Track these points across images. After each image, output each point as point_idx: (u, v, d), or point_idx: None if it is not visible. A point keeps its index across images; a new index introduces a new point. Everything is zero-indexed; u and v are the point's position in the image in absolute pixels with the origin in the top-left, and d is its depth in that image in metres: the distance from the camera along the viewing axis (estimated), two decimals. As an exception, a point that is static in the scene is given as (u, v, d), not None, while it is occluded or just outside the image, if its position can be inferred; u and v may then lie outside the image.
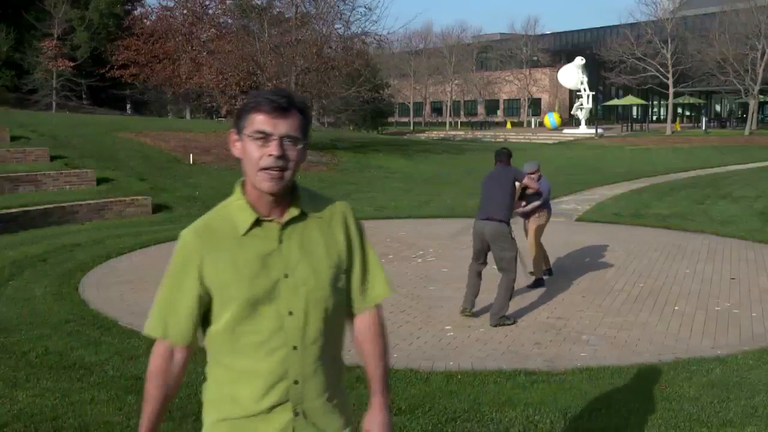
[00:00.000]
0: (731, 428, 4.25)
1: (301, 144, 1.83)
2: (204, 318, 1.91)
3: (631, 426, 4.33)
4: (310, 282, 1.87)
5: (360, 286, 2.00)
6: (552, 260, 9.41)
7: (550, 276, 8.57)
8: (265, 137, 1.79)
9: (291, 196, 1.89)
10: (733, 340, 6.21)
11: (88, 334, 6.18)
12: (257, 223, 1.86)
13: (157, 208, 14.65)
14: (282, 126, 1.79)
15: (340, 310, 1.95)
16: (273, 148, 1.78)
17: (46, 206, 12.75)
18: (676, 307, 7.22)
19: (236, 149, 1.87)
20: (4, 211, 12.11)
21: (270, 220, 1.87)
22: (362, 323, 2.03)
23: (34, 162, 15.92)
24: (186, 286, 1.87)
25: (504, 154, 7.20)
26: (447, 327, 6.58)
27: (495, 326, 6.56)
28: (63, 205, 13.06)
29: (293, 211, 1.88)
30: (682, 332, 6.41)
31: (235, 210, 1.88)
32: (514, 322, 6.67)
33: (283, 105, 1.80)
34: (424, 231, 12.15)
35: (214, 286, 1.85)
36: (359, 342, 2.03)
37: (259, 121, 1.79)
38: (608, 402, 4.68)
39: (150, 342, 1.95)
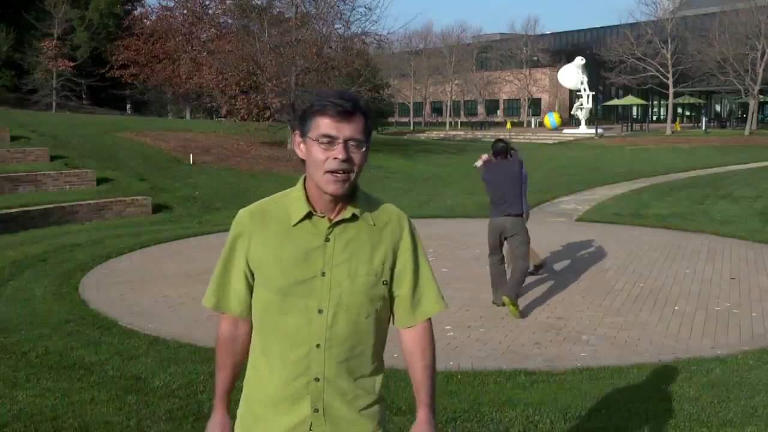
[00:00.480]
0: (731, 428, 4.25)
1: (364, 147, 1.88)
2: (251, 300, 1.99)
3: (631, 426, 4.33)
4: (345, 285, 1.89)
5: (409, 301, 2.00)
6: (552, 260, 9.42)
7: (537, 274, 8.59)
8: (330, 141, 1.83)
9: (348, 198, 1.93)
10: (733, 340, 6.21)
11: (88, 334, 6.18)
12: (309, 216, 1.91)
13: (157, 208, 14.65)
14: (347, 130, 1.84)
15: (375, 318, 1.95)
16: (338, 152, 1.83)
17: (46, 206, 12.75)
18: (676, 307, 7.22)
19: (300, 151, 1.92)
20: (4, 211, 12.11)
21: (321, 217, 1.91)
22: (409, 336, 2.03)
23: (34, 162, 15.92)
24: (235, 262, 1.96)
25: (502, 149, 7.22)
26: (447, 327, 6.58)
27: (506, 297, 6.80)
28: (63, 205, 13.06)
29: (346, 213, 1.92)
30: (682, 332, 6.41)
31: (292, 200, 1.94)
32: (521, 317, 6.75)
33: (349, 109, 1.84)
34: (424, 231, 12.13)
35: (256, 267, 1.94)
36: (406, 354, 2.04)
37: (325, 124, 1.84)
38: (608, 402, 4.68)
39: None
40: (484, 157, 7.42)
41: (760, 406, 4.57)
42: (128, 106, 48.82)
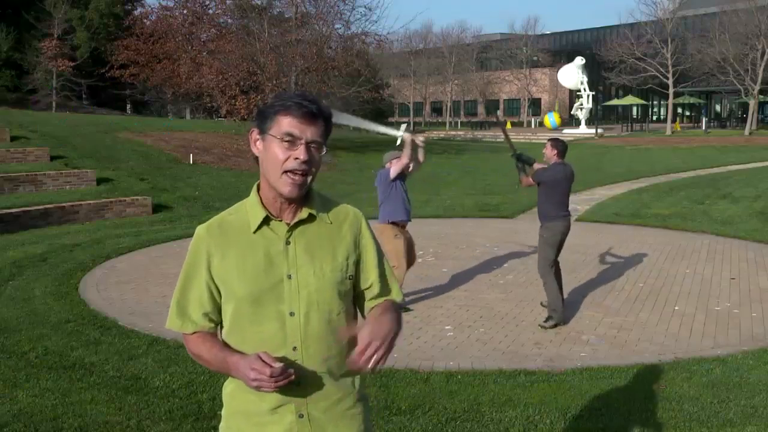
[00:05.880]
0: (731, 428, 4.25)
1: (323, 150, 1.88)
2: (218, 313, 1.96)
3: (631, 426, 4.33)
4: (312, 284, 1.89)
5: (377, 292, 2.01)
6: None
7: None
8: (292, 140, 1.83)
9: (303, 199, 1.92)
10: (733, 340, 6.21)
11: (88, 334, 6.18)
12: (267, 221, 1.90)
13: (157, 208, 14.65)
14: (309, 132, 1.84)
15: (345, 315, 1.95)
16: (300, 153, 1.83)
17: (46, 206, 12.75)
18: (676, 307, 7.22)
19: (256, 149, 1.90)
20: (4, 211, 12.11)
21: (279, 220, 1.90)
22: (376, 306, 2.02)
23: (34, 162, 15.92)
24: (197, 278, 1.93)
25: (565, 149, 7.00)
26: (447, 327, 6.58)
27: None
28: (63, 205, 13.05)
29: (303, 214, 1.91)
30: (682, 332, 6.41)
31: (248, 208, 1.93)
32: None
33: (314, 111, 1.84)
34: (424, 231, 12.15)
35: (220, 279, 1.91)
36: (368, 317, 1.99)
37: (288, 123, 1.83)
38: (608, 402, 4.68)
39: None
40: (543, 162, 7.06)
41: (760, 406, 4.57)
42: (128, 106, 48.82)
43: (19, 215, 12.15)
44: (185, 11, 36.35)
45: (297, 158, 1.82)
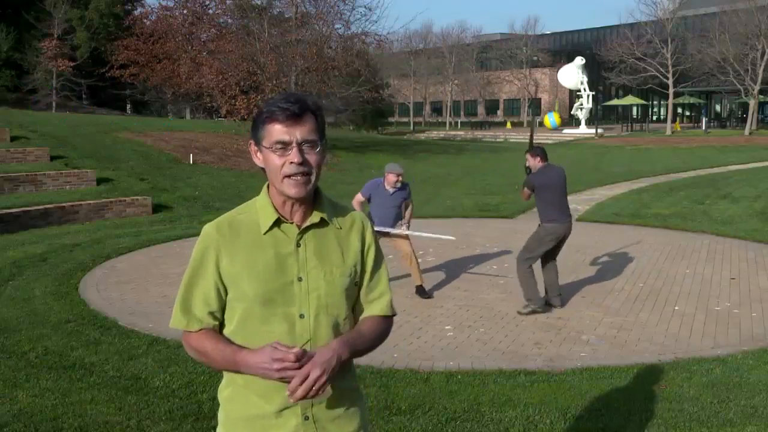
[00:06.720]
0: (731, 428, 4.25)
1: (319, 146, 1.87)
2: (222, 312, 1.95)
3: (631, 426, 4.33)
4: (322, 287, 1.90)
5: (365, 298, 2.01)
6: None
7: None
8: (284, 146, 1.83)
9: (313, 202, 1.93)
10: (733, 340, 6.21)
11: (88, 334, 6.18)
12: (277, 224, 1.90)
13: (157, 208, 14.65)
14: (298, 132, 1.83)
15: (349, 321, 1.97)
16: (294, 156, 1.83)
17: (46, 206, 12.75)
18: (676, 307, 7.22)
19: (258, 160, 1.92)
20: (4, 211, 12.11)
21: (290, 223, 1.91)
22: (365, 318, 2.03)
23: (34, 162, 15.92)
24: (204, 277, 1.91)
25: (545, 153, 7.15)
26: (447, 327, 6.58)
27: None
28: (63, 205, 13.05)
29: (314, 217, 1.92)
30: (682, 332, 6.41)
31: (259, 209, 1.93)
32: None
33: (296, 111, 1.83)
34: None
35: (229, 280, 1.90)
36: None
37: (276, 131, 1.83)
38: (608, 402, 4.68)
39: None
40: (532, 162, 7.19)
41: (760, 406, 4.57)
42: (128, 106, 48.83)
43: (19, 215, 12.15)
44: (185, 11, 36.36)
45: (292, 162, 1.82)
